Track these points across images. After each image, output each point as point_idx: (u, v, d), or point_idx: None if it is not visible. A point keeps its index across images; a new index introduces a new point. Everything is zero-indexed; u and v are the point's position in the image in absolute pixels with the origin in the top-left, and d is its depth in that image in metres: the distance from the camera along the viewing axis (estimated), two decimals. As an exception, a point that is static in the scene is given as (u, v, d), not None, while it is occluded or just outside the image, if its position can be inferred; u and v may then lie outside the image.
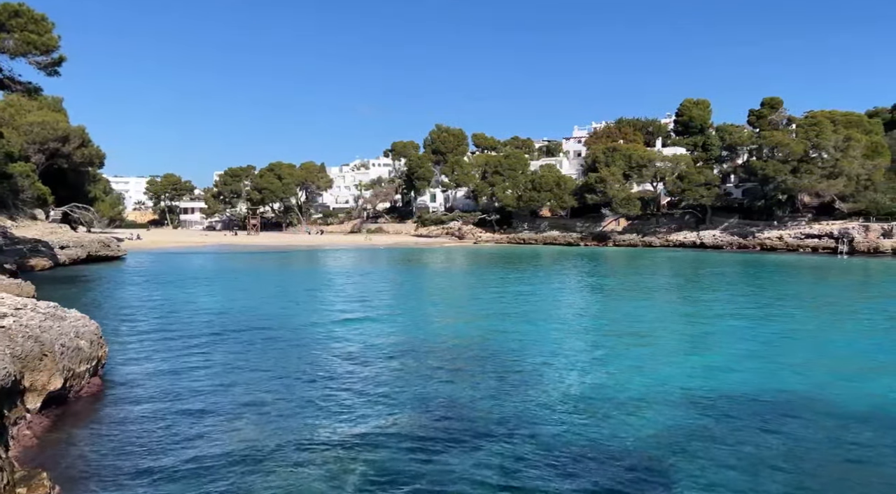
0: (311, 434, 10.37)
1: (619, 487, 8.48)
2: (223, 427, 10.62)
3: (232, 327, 19.98)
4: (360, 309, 25.05)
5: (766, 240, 69.02)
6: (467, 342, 18.17)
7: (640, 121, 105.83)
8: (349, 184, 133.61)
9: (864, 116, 74.60)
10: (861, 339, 18.92)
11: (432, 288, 35.01)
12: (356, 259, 57.62)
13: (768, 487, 8.48)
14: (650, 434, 10.49)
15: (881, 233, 61.33)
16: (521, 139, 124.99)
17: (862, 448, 9.89)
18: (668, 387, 13.28)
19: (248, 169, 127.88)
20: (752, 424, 10.95)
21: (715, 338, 19.21)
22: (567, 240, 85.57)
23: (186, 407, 11.69)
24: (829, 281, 37.69)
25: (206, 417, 11.12)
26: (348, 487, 8.44)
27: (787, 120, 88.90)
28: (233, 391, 12.78)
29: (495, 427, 10.77)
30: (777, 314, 24.04)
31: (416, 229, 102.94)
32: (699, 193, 75.98)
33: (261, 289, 32.29)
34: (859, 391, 13.05)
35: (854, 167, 65.24)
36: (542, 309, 25.60)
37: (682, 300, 29.26)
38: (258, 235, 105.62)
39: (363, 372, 14.47)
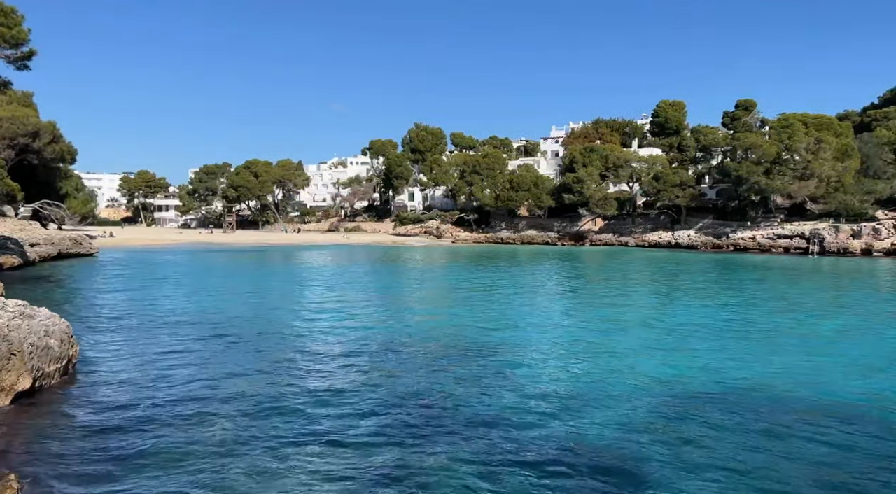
0: (286, 429, 10.30)
1: (593, 484, 8.55)
2: (197, 426, 10.50)
3: (206, 325, 19.75)
4: (337, 306, 24.93)
5: (740, 241, 70.08)
6: (444, 339, 18.17)
7: (617, 121, 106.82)
8: (327, 182, 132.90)
9: (834, 119, 76.12)
10: (833, 338, 19.30)
11: (409, 286, 34.96)
12: (333, 257, 57.32)
13: (743, 482, 8.62)
14: (623, 430, 10.59)
15: (850, 234, 62.61)
16: (499, 139, 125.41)
17: (831, 444, 10.09)
18: (641, 384, 13.41)
19: (224, 166, 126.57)
20: (725, 421, 11.11)
21: (689, 337, 19.45)
22: (544, 239, 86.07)
23: (158, 407, 11.53)
24: (800, 281, 38.39)
25: (179, 417, 10.98)
26: (323, 481, 8.40)
27: (760, 122, 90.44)
28: (206, 389, 12.63)
29: (471, 422, 10.79)
30: (749, 312, 24.42)
31: (395, 228, 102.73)
32: (674, 194, 76.92)
33: (235, 288, 31.97)
34: (830, 387, 13.31)
35: (825, 169, 66.52)
36: (517, 307, 25.71)
37: (656, 299, 29.59)
38: (234, 233, 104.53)
39: (340, 368, 14.40)
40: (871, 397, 12.68)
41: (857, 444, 10.05)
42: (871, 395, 12.81)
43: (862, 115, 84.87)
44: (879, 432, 10.63)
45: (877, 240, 60.87)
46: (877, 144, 71.22)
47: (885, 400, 12.46)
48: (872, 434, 10.49)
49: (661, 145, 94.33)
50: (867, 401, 12.39)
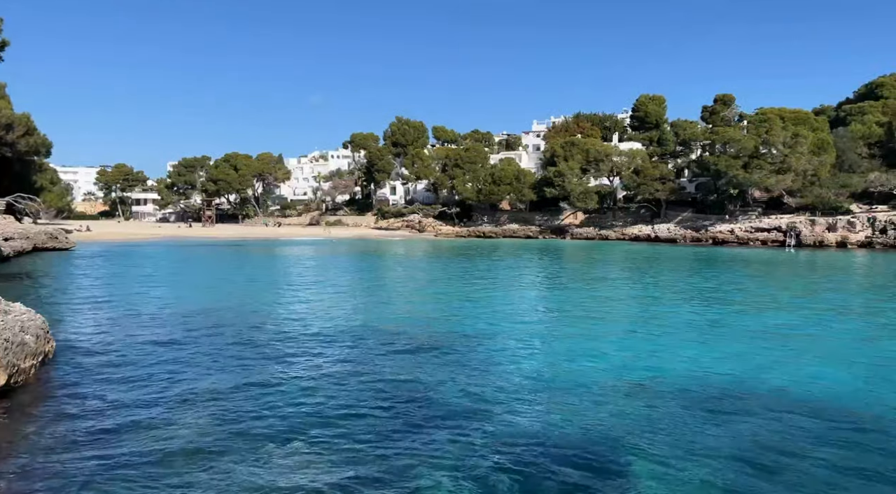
0: (263, 426, 10.25)
1: (570, 477, 8.62)
2: (172, 424, 10.41)
3: (184, 321, 19.56)
4: (316, 300, 24.82)
5: (718, 234, 70.84)
6: (423, 333, 18.18)
7: (598, 115, 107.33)
8: (307, 175, 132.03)
9: (811, 114, 77.19)
10: (808, 330, 19.63)
11: (390, 280, 34.92)
12: (315, 251, 57.03)
13: (717, 471, 8.75)
14: (600, 421, 10.69)
15: (826, 227, 63.63)
16: (481, 132, 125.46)
17: (805, 436, 10.28)
18: (618, 376, 13.54)
19: (202, 159, 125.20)
20: (700, 412, 11.26)
21: (665, 329, 19.66)
22: (526, 233, 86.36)
23: (134, 404, 11.41)
24: (777, 273, 38.95)
25: (157, 413, 10.88)
26: (302, 475, 8.37)
27: (738, 116, 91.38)
28: (183, 385, 12.53)
29: (447, 416, 10.82)
30: (727, 305, 24.74)
31: (376, 222, 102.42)
32: (654, 187, 77.54)
33: (214, 282, 31.70)
34: (802, 378, 13.54)
35: (801, 163, 67.43)
36: (496, 300, 25.79)
37: (633, 293, 29.85)
38: (213, 227, 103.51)
39: (319, 362, 14.35)
40: (846, 390, 12.93)
41: (828, 436, 10.24)
42: (845, 388, 13.05)
43: (837, 110, 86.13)
44: (852, 422, 10.84)
45: (851, 233, 61.94)
46: (852, 139, 72.36)
47: (858, 394, 12.70)
48: (845, 425, 10.70)
49: (641, 139, 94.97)
50: (841, 394, 12.63)
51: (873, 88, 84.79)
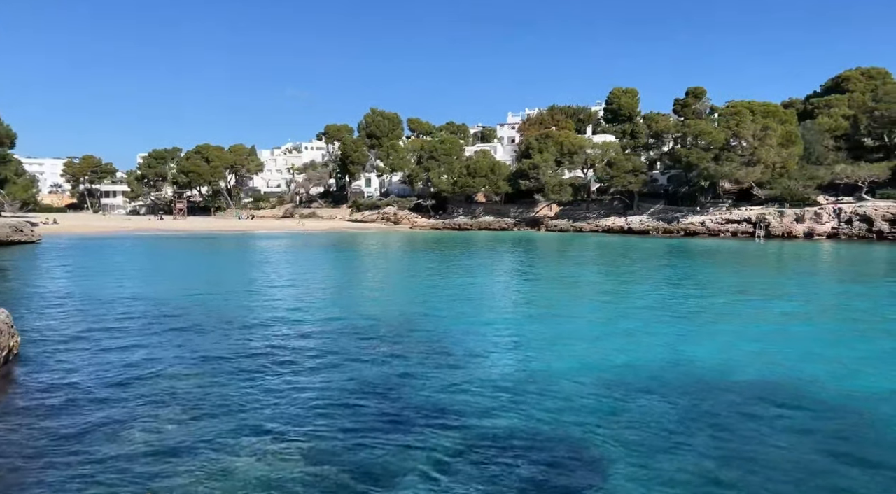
0: (234, 422, 10.16)
1: (544, 470, 8.71)
2: (141, 420, 10.27)
3: (153, 315, 19.28)
4: (289, 294, 24.65)
5: (690, 226, 71.81)
6: (398, 325, 18.17)
7: (572, 108, 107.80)
8: (281, 167, 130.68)
9: (780, 107, 78.43)
10: (777, 322, 20.03)
11: (365, 273, 34.80)
12: (288, 244, 56.55)
13: (691, 463, 8.90)
14: (572, 414, 10.81)
15: (794, 219, 64.92)
16: (456, 124, 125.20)
17: (764, 420, 10.51)
18: (589, 367, 13.70)
19: (173, 151, 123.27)
20: (670, 404, 11.44)
21: (637, 321, 19.90)
22: (501, 225, 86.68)
23: (102, 399, 11.23)
24: (747, 265, 39.64)
25: (122, 410, 10.72)
26: (276, 475, 8.33)
27: (710, 109, 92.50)
28: (152, 380, 12.36)
29: (425, 411, 10.84)
30: (696, 296, 25.14)
31: (351, 214, 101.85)
32: (627, 180, 78.22)
33: (184, 276, 31.28)
34: (768, 367, 13.83)
35: (770, 155, 68.56)
36: (471, 293, 25.87)
37: (607, 285, 30.16)
38: (185, 220, 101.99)
39: (291, 357, 14.26)
40: (811, 379, 13.23)
41: (796, 424, 10.48)
42: (811, 377, 13.35)
43: (805, 103, 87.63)
44: (817, 410, 11.10)
45: (818, 225, 63.28)
46: (819, 131, 73.75)
47: (823, 382, 13.01)
48: (813, 413, 10.95)
49: (614, 132, 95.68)
50: (811, 382, 12.92)
51: (839, 82, 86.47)
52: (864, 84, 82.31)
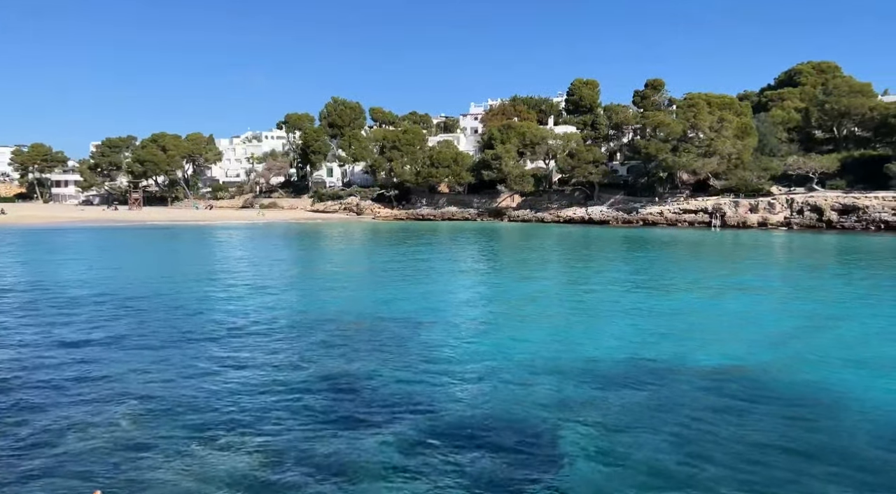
0: (195, 417, 9.98)
1: (507, 459, 8.79)
2: (93, 416, 10.01)
3: (108, 310, 18.79)
4: (249, 287, 24.29)
5: (649, 216, 73.04)
6: (362, 317, 18.09)
7: (534, 99, 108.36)
8: (240, 157, 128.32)
9: (735, 99, 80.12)
10: (729, 307, 20.56)
11: (328, 265, 34.50)
12: (248, 235, 55.66)
13: (650, 446, 9.08)
14: (540, 402, 10.93)
15: (749, 209, 66.64)
16: (419, 114, 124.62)
17: (727, 403, 10.80)
18: (548, 359, 13.86)
19: (128, 139, 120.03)
20: (634, 389, 11.66)
21: (597, 310, 20.21)
22: (464, 215, 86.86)
23: (55, 399, 10.91)
24: (702, 256, 40.55)
25: (70, 406, 10.43)
26: (243, 471, 8.22)
27: (668, 101, 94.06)
28: (108, 376, 12.05)
29: (386, 403, 10.82)
30: (655, 286, 25.62)
31: (313, 204, 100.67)
32: (588, 171, 79.04)
33: (142, 268, 30.53)
34: (721, 353, 14.20)
35: (726, 147, 70.06)
36: (434, 284, 25.90)
37: (569, 274, 30.53)
38: (141, 210, 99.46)
39: (255, 350, 14.07)
40: (765, 367, 13.62)
41: (754, 408, 10.79)
42: (764, 365, 13.75)
43: (760, 96, 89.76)
44: (772, 395, 11.45)
45: (771, 215, 65.10)
46: (772, 124, 75.65)
47: (776, 370, 13.41)
48: (768, 398, 11.29)
49: (575, 123, 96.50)
50: (770, 368, 13.30)
51: (792, 75, 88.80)
52: (815, 78, 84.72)
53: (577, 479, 8.05)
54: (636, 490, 7.78)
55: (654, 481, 8.01)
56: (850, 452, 8.85)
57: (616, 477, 8.09)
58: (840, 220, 60.01)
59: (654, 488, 7.83)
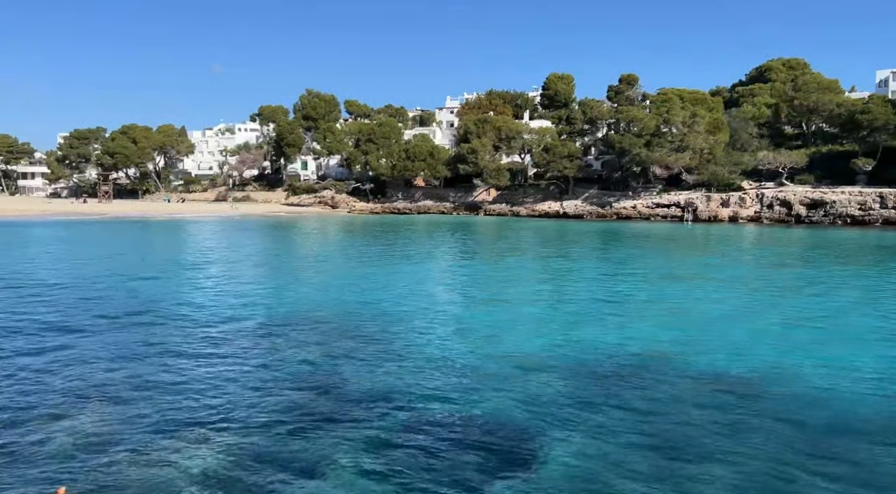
0: (166, 413, 9.86)
1: (481, 457, 8.83)
2: (60, 412, 9.83)
3: (75, 307, 18.44)
4: (221, 283, 24.03)
5: (622, 210, 73.84)
6: (337, 314, 18.01)
7: (510, 93, 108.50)
8: (213, 149, 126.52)
9: (707, 95, 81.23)
10: (702, 300, 20.88)
11: (302, 260, 34.27)
12: (221, 229, 55.01)
13: (623, 444, 9.20)
14: (510, 401, 10.99)
15: (720, 203, 67.72)
16: (394, 107, 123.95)
17: (698, 401, 10.98)
18: (527, 353, 13.95)
19: (97, 131, 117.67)
20: (613, 384, 11.78)
21: (573, 304, 20.39)
22: (440, 209, 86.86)
23: (19, 400, 10.68)
24: (675, 250, 41.09)
25: (38, 403, 10.23)
26: (211, 470, 8.14)
27: (642, 96, 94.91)
28: (69, 372, 11.84)
29: (367, 400, 10.80)
30: (627, 281, 25.92)
31: (287, 198, 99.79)
32: (563, 165, 79.53)
33: (111, 263, 30.00)
34: (696, 349, 14.43)
35: (699, 142, 71.02)
36: (413, 279, 25.88)
37: (545, 270, 30.72)
38: (111, 203, 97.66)
39: (226, 349, 13.94)
40: (737, 359, 13.86)
41: (725, 402, 10.98)
42: (736, 357, 13.99)
43: (731, 92, 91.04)
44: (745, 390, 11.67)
45: (742, 209, 66.24)
46: (743, 119, 76.81)
47: (750, 362, 13.65)
48: (738, 394, 11.50)
49: (550, 117, 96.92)
50: (738, 366, 13.53)
51: (763, 72, 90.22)
52: (784, 74, 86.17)
53: (553, 475, 8.13)
54: (612, 486, 7.88)
55: (630, 477, 8.13)
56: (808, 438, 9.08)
57: (593, 474, 8.19)
58: (808, 215, 61.26)
59: (631, 481, 7.94)
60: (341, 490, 7.73)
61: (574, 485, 7.91)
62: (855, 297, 21.93)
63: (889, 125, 63.30)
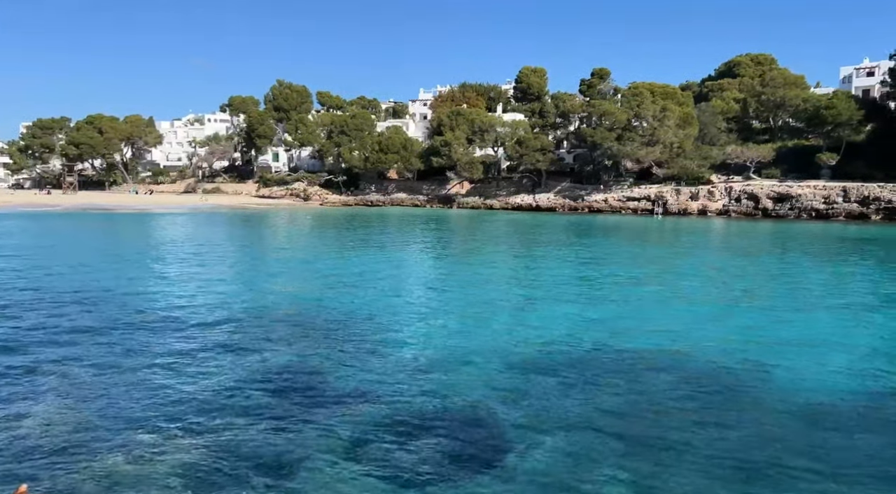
0: (134, 410, 9.69)
1: (455, 447, 8.86)
2: (27, 408, 9.60)
3: (39, 301, 18.00)
4: (195, 279, 23.68)
5: (594, 203, 74.49)
6: (309, 309, 17.87)
7: (483, 86, 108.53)
8: (182, 140, 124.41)
9: (678, 89, 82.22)
10: (681, 298, 21.18)
11: (273, 253, 33.92)
12: (190, 222, 54.16)
13: (593, 437, 9.29)
14: (484, 392, 11.04)
15: (689, 196, 68.71)
16: (367, 99, 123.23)
17: (658, 391, 11.14)
18: (496, 346, 14.01)
19: (62, 120, 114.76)
20: (575, 378, 11.89)
21: (545, 298, 20.51)
22: (414, 202, 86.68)
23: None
24: (646, 243, 41.59)
25: (10, 404, 9.98)
26: (181, 467, 8.02)
27: (613, 90, 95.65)
28: (34, 368, 11.57)
29: (339, 395, 10.75)
30: (599, 273, 26.17)
31: (258, 189, 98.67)
32: (536, 158, 79.90)
33: (77, 256, 29.33)
34: (663, 341, 14.64)
35: (669, 136, 71.91)
36: (385, 273, 25.80)
37: (518, 262, 30.87)
38: (76, 195, 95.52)
39: (193, 343, 13.74)
40: (704, 350, 14.08)
41: (680, 389, 11.16)
42: (703, 348, 14.21)
43: (701, 86, 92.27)
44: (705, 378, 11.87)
45: (711, 202, 67.30)
46: (712, 113, 77.92)
47: (714, 354, 13.87)
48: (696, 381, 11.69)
49: (523, 110, 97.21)
50: (703, 354, 13.75)
51: (732, 67, 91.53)
52: (752, 69, 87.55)
53: (524, 467, 8.19)
54: (582, 478, 7.96)
55: (600, 466, 8.22)
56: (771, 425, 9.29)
57: (562, 466, 8.26)
58: (775, 208, 62.48)
59: (601, 469, 8.03)
60: (314, 486, 7.69)
61: (544, 478, 7.97)
62: (816, 287, 22.46)
63: (852, 120, 64.81)
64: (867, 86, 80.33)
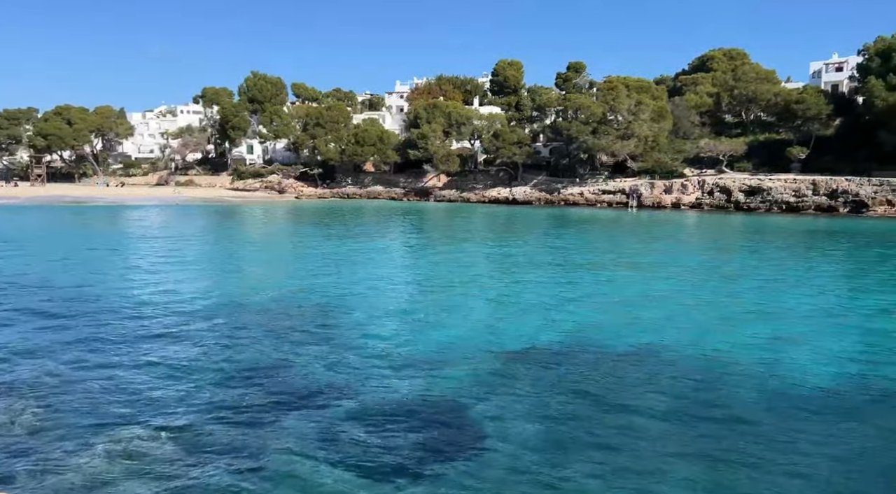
0: (105, 405, 9.57)
1: (434, 441, 8.90)
2: (7, 408, 9.44)
3: (11, 296, 17.65)
4: (168, 273, 23.37)
5: (570, 196, 74.97)
6: (285, 304, 17.76)
7: (460, 79, 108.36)
8: (154, 132, 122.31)
9: (652, 83, 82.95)
10: (644, 287, 21.44)
11: (247, 247, 33.60)
12: (163, 215, 53.37)
13: (565, 426, 9.40)
14: (458, 385, 11.09)
15: (663, 190, 69.48)
16: (343, 91, 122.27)
17: (630, 380, 11.30)
18: (471, 339, 14.08)
19: (28, 111, 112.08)
20: (547, 372, 12.00)
21: (522, 292, 20.63)
22: (391, 195, 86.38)
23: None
24: (621, 236, 42.01)
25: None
26: (153, 463, 7.95)
27: (589, 83, 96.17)
28: (14, 367, 11.35)
29: (313, 389, 10.72)
30: (576, 269, 26.39)
31: (232, 182, 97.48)
32: (512, 151, 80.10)
33: (43, 251, 28.76)
34: (633, 334, 14.84)
35: (643, 129, 72.57)
36: (361, 267, 25.72)
37: (494, 256, 30.98)
38: (44, 187, 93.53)
39: (166, 339, 13.58)
40: (673, 341, 14.30)
41: (659, 386, 11.33)
42: (672, 339, 14.43)
43: (675, 80, 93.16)
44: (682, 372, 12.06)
45: (684, 195, 68.15)
46: (686, 107, 78.80)
47: (682, 344, 14.10)
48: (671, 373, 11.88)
49: (500, 104, 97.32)
50: (672, 344, 13.95)
51: (705, 61, 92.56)
52: (725, 64, 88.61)
53: (495, 461, 8.26)
54: (556, 470, 8.06)
55: (574, 457, 8.32)
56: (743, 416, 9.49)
57: (537, 457, 8.35)
58: (747, 201, 63.46)
59: (569, 465, 8.13)
60: (287, 479, 7.67)
61: (518, 469, 8.05)
62: (790, 279, 22.93)
63: (821, 115, 66.04)
64: (836, 82, 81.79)
